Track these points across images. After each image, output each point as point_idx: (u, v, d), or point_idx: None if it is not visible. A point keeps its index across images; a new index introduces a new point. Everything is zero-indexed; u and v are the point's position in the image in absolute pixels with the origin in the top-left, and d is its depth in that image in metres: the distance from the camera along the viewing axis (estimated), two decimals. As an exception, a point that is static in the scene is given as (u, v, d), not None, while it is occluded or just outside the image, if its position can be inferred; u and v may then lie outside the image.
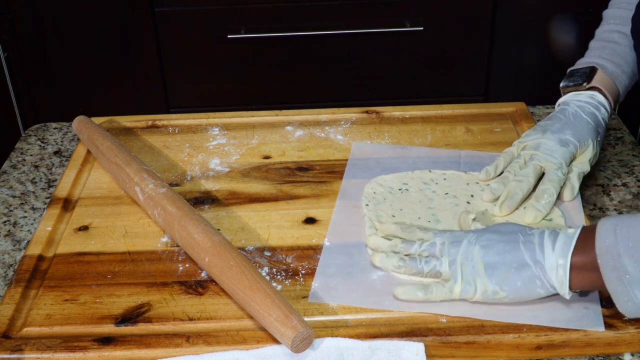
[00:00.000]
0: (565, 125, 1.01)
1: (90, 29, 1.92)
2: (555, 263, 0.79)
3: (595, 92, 1.03)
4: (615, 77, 1.04)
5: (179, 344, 0.79)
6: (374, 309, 0.83)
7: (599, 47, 1.07)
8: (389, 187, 1.00)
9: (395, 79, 2.00)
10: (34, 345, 0.80)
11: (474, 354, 0.80)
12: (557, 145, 0.98)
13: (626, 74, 1.04)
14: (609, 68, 1.03)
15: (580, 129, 1.00)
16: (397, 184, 1.01)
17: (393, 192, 0.99)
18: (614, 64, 1.03)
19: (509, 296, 0.81)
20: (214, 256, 0.85)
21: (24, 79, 1.97)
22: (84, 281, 0.88)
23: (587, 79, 1.03)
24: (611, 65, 1.03)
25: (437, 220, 0.94)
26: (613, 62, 1.04)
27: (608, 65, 1.04)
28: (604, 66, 1.04)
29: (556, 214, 0.95)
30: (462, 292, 0.82)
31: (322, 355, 0.78)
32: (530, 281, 0.80)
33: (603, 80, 1.03)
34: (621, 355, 0.80)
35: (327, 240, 0.92)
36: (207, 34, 1.93)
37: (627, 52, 1.05)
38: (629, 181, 1.07)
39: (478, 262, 0.82)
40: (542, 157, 0.98)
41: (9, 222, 1.02)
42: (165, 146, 1.14)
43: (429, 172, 1.04)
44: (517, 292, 0.81)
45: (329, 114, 1.20)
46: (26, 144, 1.20)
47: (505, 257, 0.81)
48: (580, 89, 1.04)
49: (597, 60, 1.05)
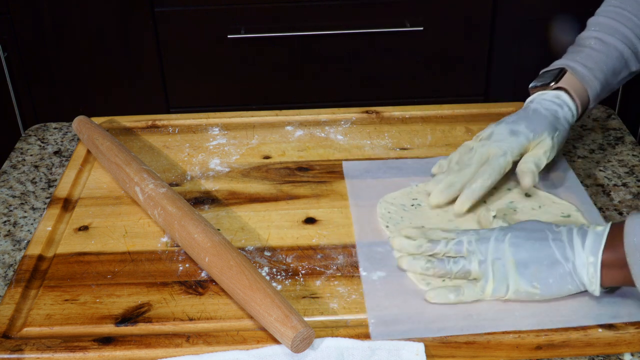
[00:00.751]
0: (522, 118, 1.00)
1: (90, 29, 1.92)
2: (585, 261, 0.80)
3: (561, 92, 1.02)
4: (586, 81, 1.02)
5: (179, 344, 0.79)
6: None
7: (575, 51, 1.06)
8: (401, 204, 0.98)
9: (395, 79, 2.00)
10: (34, 345, 0.80)
11: (474, 354, 0.80)
12: (507, 134, 0.98)
13: (598, 79, 1.03)
14: (580, 71, 1.02)
15: (536, 122, 0.99)
16: (407, 200, 0.99)
17: (407, 209, 0.97)
18: (586, 68, 1.02)
19: (542, 294, 0.82)
20: (214, 256, 0.85)
21: (24, 79, 1.97)
22: (84, 281, 0.88)
23: (555, 79, 1.03)
24: (583, 68, 1.02)
25: None
26: (586, 66, 1.03)
27: (579, 68, 1.03)
28: (575, 69, 1.03)
29: (572, 209, 0.96)
30: (494, 292, 0.82)
31: (322, 355, 0.78)
32: (562, 279, 0.81)
33: (571, 82, 1.02)
34: (621, 355, 0.80)
35: (362, 270, 0.88)
36: (207, 34, 1.93)
37: (603, 59, 1.03)
38: (629, 181, 1.07)
39: (509, 260, 0.82)
40: (490, 145, 0.98)
41: (9, 222, 1.02)
42: (165, 146, 1.14)
43: None
44: (549, 290, 0.81)
45: (329, 114, 1.20)
46: (26, 144, 1.20)
47: (536, 254, 0.82)
48: (548, 88, 1.03)
49: (569, 62, 1.04)
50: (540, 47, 1.95)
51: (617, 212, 1.01)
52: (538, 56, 1.98)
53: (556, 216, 0.95)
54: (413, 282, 0.86)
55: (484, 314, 0.82)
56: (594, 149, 1.15)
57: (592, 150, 1.14)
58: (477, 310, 0.82)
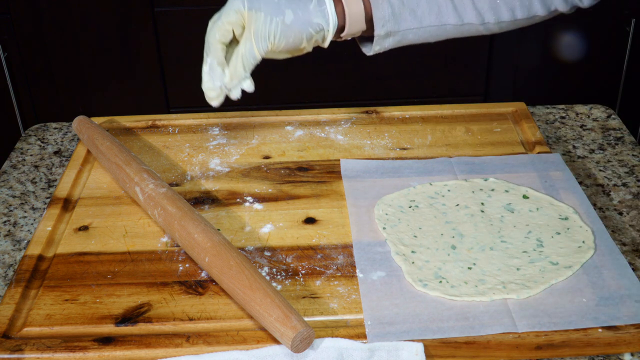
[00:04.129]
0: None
1: (90, 28, 1.92)
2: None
3: None
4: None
5: (179, 344, 0.79)
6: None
7: None
8: (399, 206, 0.98)
9: (395, 79, 2.00)
10: (34, 345, 0.80)
11: (474, 354, 0.80)
12: None
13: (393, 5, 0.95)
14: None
15: None
16: (405, 201, 0.99)
17: (404, 211, 0.97)
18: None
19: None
20: (214, 256, 0.85)
21: (24, 79, 1.97)
22: (84, 281, 0.88)
23: None
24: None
25: (461, 235, 0.92)
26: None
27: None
28: None
29: (570, 211, 0.95)
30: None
31: (322, 356, 0.78)
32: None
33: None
34: (621, 355, 0.80)
35: (359, 272, 0.88)
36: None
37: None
38: (629, 181, 1.07)
39: None
40: None
41: (9, 222, 1.02)
42: (165, 146, 1.14)
43: (430, 185, 1.02)
44: None
45: (329, 114, 1.20)
46: (26, 144, 1.20)
47: None
48: None
49: None
50: (540, 47, 1.95)
51: (617, 212, 1.01)
52: (538, 56, 1.99)
53: (554, 218, 0.95)
54: (410, 283, 0.86)
55: (481, 316, 0.81)
56: (594, 149, 1.15)
57: (592, 150, 1.14)
58: (475, 312, 0.82)
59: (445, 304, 0.83)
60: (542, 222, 0.94)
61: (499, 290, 0.84)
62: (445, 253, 0.90)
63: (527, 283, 0.85)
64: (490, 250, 0.90)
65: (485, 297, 0.84)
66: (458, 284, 0.85)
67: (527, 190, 1.00)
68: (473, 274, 0.87)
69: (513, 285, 0.85)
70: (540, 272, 0.86)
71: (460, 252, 0.90)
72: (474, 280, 0.86)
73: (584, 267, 0.87)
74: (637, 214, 1.00)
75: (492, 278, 0.86)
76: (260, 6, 0.92)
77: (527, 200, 0.98)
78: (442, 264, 0.88)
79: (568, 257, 0.88)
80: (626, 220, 0.99)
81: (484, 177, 1.03)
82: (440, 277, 0.86)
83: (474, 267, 0.88)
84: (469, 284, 0.85)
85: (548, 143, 1.16)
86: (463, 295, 0.84)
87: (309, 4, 0.94)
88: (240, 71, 0.97)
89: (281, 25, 0.93)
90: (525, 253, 0.89)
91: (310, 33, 0.95)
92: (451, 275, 0.86)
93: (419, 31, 0.98)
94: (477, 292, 0.84)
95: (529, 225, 0.94)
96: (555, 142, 1.16)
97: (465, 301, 0.83)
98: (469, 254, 0.90)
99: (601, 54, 2.01)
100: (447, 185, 1.01)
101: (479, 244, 0.91)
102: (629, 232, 0.97)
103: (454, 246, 0.91)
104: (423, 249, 0.91)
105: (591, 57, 1.98)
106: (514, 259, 0.89)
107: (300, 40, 0.95)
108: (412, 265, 0.88)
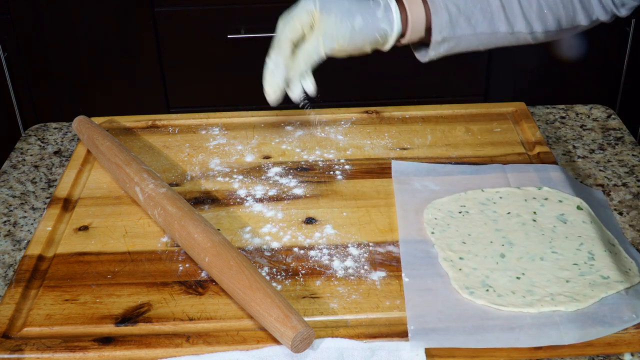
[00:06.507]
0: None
1: (90, 28, 1.92)
2: None
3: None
4: (433, 3, 0.97)
5: (179, 344, 0.79)
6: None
7: None
8: (448, 210, 0.96)
9: (395, 79, 2.00)
10: (34, 345, 0.80)
11: (474, 354, 0.80)
12: None
13: (449, 11, 0.97)
14: None
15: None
16: (455, 206, 0.97)
17: (454, 217, 0.95)
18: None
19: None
20: (214, 256, 0.85)
21: (24, 79, 1.97)
22: (84, 281, 0.88)
23: None
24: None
25: (511, 243, 0.90)
26: None
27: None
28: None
29: (615, 240, 0.93)
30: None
31: (322, 356, 0.78)
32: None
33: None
34: (621, 355, 0.80)
35: (405, 277, 0.87)
36: (207, 34, 1.93)
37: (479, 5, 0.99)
38: (629, 181, 1.07)
39: None
40: None
41: (9, 222, 1.02)
42: (165, 146, 1.14)
43: (482, 191, 0.99)
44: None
45: (329, 114, 1.20)
46: (26, 144, 1.20)
47: None
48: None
49: None
50: (540, 47, 1.94)
51: (617, 212, 1.01)
52: (538, 56, 1.99)
53: (607, 232, 0.93)
54: (456, 290, 0.84)
55: (527, 328, 0.80)
56: (594, 149, 1.15)
57: (592, 150, 1.14)
58: (521, 323, 0.80)
59: (491, 313, 0.81)
60: (595, 234, 0.91)
61: (547, 302, 0.82)
62: (494, 261, 0.88)
63: (576, 296, 0.82)
64: (540, 261, 0.87)
65: (533, 308, 0.81)
66: (505, 294, 0.83)
67: (581, 201, 0.97)
68: (521, 284, 0.84)
69: (562, 297, 0.82)
70: (590, 285, 0.84)
71: (509, 261, 0.88)
72: (522, 291, 0.83)
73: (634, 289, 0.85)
74: (637, 214, 1.00)
75: (540, 289, 0.84)
76: (332, 9, 0.96)
77: (581, 212, 0.95)
78: (490, 272, 0.86)
79: (619, 273, 0.86)
80: (626, 220, 0.99)
81: (538, 186, 1.00)
82: (488, 285, 0.84)
83: (522, 277, 0.85)
84: (517, 294, 0.83)
85: (548, 143, 1.16)
86: (510, 306, 0.82)
87: (377, 10, 0.98)
88: (302, 65, 1.00)
89: (350, 29, 0.96)
90: (576, 265, 0.87)
91: (375, 38, 0.98)
92: (499, 284, 0.84)
93: (472, 38, 1.01)
94: (524, 302, 0.82)
95: (581, 237, 0.91)
96: (555, 142, 1.16)
97: (512, 312, 0.81)
98: (518, 263, 0.87)
99: (601, 54, 2.01)
100: (499, 192, 0.99)
101: (528, 253, 0.89)
102: (629, 232, 0.97)
103: (503, 254, 0.89)
104: (471, 256, 0.89)
105: (591, 57, 1.98)
106: (564, 270, 0.86)
107: (365, 44, 0.99)
108: (460, 272, 0.86)
